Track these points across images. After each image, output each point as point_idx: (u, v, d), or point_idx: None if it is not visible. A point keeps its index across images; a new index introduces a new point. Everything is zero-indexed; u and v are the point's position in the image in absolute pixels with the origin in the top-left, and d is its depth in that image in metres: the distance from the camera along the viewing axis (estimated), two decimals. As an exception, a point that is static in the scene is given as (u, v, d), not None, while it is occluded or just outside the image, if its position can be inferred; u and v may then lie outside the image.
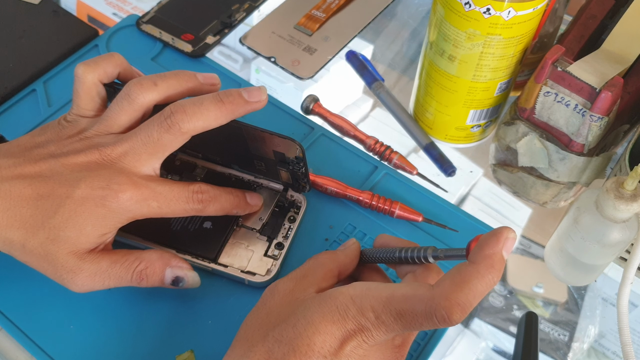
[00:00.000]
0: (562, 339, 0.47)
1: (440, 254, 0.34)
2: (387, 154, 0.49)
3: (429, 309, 0.29)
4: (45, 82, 0.53)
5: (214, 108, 0.37)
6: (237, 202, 0.41)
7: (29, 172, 0.37)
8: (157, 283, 0.38)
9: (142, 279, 0.38)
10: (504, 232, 0.30)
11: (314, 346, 0.30)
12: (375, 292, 0.30)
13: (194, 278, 0.39)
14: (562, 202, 0.49)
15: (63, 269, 0.36)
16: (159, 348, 0.39)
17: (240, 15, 0.59)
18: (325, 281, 0.35)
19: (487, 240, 0.30)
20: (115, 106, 0.38)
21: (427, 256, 0.34)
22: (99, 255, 0.37)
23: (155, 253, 0.39)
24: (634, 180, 0.37)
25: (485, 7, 0.40)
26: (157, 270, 0.38)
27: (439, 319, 0.28)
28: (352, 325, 0.30)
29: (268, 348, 0.31)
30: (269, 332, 0.31)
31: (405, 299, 0.29)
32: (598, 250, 0.40)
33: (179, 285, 0.39)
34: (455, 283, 0.29)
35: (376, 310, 0.30)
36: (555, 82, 0.42)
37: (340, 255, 0.37)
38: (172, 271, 0.38)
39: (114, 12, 0.65)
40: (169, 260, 0.39)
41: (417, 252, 0.35)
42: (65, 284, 0.37)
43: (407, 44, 0.63)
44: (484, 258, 0.29)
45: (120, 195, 0.36)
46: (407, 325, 0.29)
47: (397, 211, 0.45)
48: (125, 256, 0.38)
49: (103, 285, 0.37)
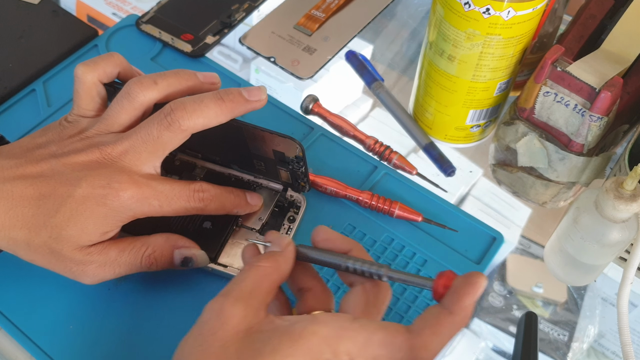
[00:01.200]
0: (562, 339, 0.47)
1: (396, 276, 0.32)
2: (386, 154, 0.49)
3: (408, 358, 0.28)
4: (44, 82, 0.53)
5: (214, 106, 0.37)
6: (237, 202, 0.42)
7: (31, 173, 0.37)
8: (167, 265, 0.39)
9: (151, 263, 0.38)
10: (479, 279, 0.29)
11: None
12: (351, 334, 0.29)
13: (203, 257, 0.40)
14: (562, 202, 0.49)
15: (72, 262, 0.37)
16: (158, 348, 0.39)
17: (240, 15, 0.59)
18: (270, 295, 0.32)
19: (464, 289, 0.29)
20: (116, 105, 0.38)
21: (381, 275, 0.32)
22: (106, 246, 0.37)
23: (161, 237, 0.39)
24: (633, 180, 0.37)
25: (485, 7, 0.40)
26: (165, 253, 0.38)
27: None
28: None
29: None
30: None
31: (383, 345, 0.29)
32: (597, 250, 0.40)
33: (188, 265, 0.39)
34: (434, 333, 0.29)
35: (351, 354, 0.29)
36: (555, 82, 0.42)
37: (281, 264, 0.33)
38: (180, 252, 0.39)
39: (113, 12, 0.65)
40: (176, 241, 0.39)
41: (371, 267, 0.33)
42: (76, 277, 0.37)
43: (407, 44, 0.63)
44: (462, 309, 0.29)
45: (121, 194, 0.36)
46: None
47: (397, 211, 0.45)
48: (132, 243, 0.38)
49: (114, 274, 0.38)
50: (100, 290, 0.41)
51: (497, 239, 0.45)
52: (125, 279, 0.42)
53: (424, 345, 0.28)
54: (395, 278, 0.32)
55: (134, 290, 0.41)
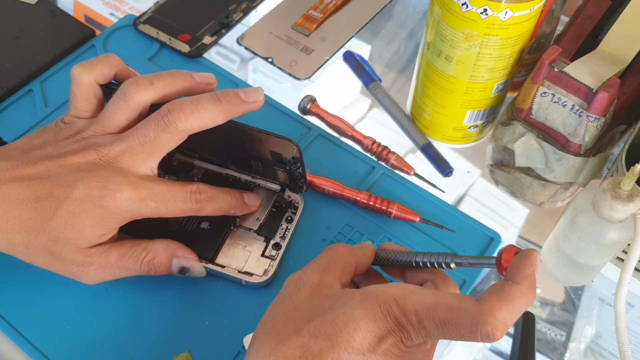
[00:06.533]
0: (559, 339, 0.47)
1: (464, 261, 0.34)
2: (384, 154, 0.49)
3: (475, 323, 0.29)
4: (42, 82, 0.53)
5: (211, 107, 0.37)
6: (234, 203, 0.41)
7: (27, 174, 0.37)
8: (165, 272, 0.40)
9: (150, 268, 0.39)
10: (535, 254, 0.31)
11: (354, 342, 0.30)
12: (420, 297, 0.30)
13: (199, 268, 0.40)
14: (559, 202, 0.49)
15: (72, 264, 0.37)
16: (156, 349, 0.39)
17: (238, 15, 0.59)
18: (345, 275, 0.34)
19: (523, 261, 0.31)
20: (112, 106, 0.38)
21: (449, 262, 0.34)
22: (107, 249, 0.38)
23: (162, 243, 0.39)
24: (630, 180, 0.37)
25: (483, 7, 0.40)
26: (164, 261, 0.39)
27: (483, 334, 0.28)
28: (393, 325, 0.30)
29: (303, 342, 0.30)
30: (303, 327, 0.31)
31: (450, 309, 0.29)
32: (595, 251, 0.40)
33: (185, 274, 0.40)
34: (501, 300, 0.29)
35: (419, 314, 0.30)
36: (552, 82, 0.42)
37: (357, 251, 0.36)
38: (178, 261, 0.40)
39: (111, 12, 0.65)
40: (175, 250, 0.40)
41: (439, 257, 0.34)
42: (76, 277, 0.38)
43: (405, 45, 0.63)
44: (525, 278, 0.30)
45: (117, 195, 0.36)
46: (446, 334, 0.29)
47: (395, 211, 0.45)
48: (132, 247, 0.39)
49: (114, 275, 0.39)
50: (98, 291, 0.41)
51: (494, 239, 0.45)
52: (122, 280, 0.42)
53: (491, 312, 0.29)
54: (463, 263, 0.34)
55: (131, 291, 0.41)
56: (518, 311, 0.29)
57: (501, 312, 0.29)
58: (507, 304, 0.29)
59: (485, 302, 0.29)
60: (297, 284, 0.33)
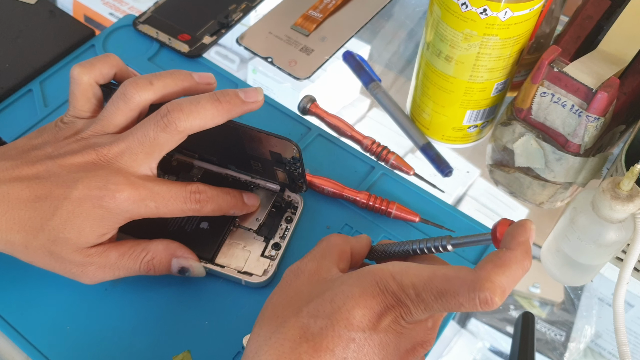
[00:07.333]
0: (559, 339, 0.47)
1: (460, 241, 0.34)
2: (384, 154, 0.49)
3: (472, 290, 0.29)
4: (41, 82, 0.53)
5: (211, 107, 0.37)
6: (234, 203, 0.41)
7: (26, 174, 0.37)
8: (165, 272, 0.40)
9: (150, 268, 0.39)
10: (528, 223, 0.31)
11: (353, 320, 0.30)
12: (416, 271, 0.30)
13: (199, 268, 0.40)
14: (559, 202, 0.49)
15: (72, 264, 0.37)
16: (156, 349, 0.39)
17: (237, 15, 0.59)
18: (342, 261, 0.35)
19: (517, 229, 0.31)
20: (111, 106, 0.38)
21: (445, 245, 0.34)
22: (107, 249, 0.38)
23: (162, 244, 0.40)
24: (630, 180, 0.37)
25: (482, 7, 0.40)
26: (163, 261, 0.39)
27: (482, 300, 0.28)
28: (391, 300, 0.30)
29: (302, 323, 0.30)
30: (302, 308, 0.31)
31: (447, 279, 0.29)
32: (594, 251, 0.40)
33: (185, 274, 0.40)
34: (497, 266, 0.29)
35: (417, 287, 0.30)
36: (552, 82, 0.42)
37: (351, 239, 0.36)
38: (177, 261, 0.40)
39: (110, 12, 0.65)
40: (175, 250, 0.40)
41: (435, 241, 0.34)
42: (76, 277, 0.38)
43: (404, 45, 0.63)
44: (519, 245, 0.30)
45: (117, 196, 0.36)
46: (446, 306, 0.29)
47: (394, 211, 0.45)
48: (132, 247, 0.39)
49: (113, 275, 0.39)
50: (98, 290, 0.41)
51: (494, 239, 0.45)
52: (122, 280, 0.42)
53: (488, 277, 0.29)
54: (459, 243, 0.34)
55: (131, 291, 0.41)
56: (514, 277, 0.29)
57: (498, 278, 0.29)
58: (503, 269, 0.29)
59: (481, 269, 0.29)
60: (295, 273, 0.34)
